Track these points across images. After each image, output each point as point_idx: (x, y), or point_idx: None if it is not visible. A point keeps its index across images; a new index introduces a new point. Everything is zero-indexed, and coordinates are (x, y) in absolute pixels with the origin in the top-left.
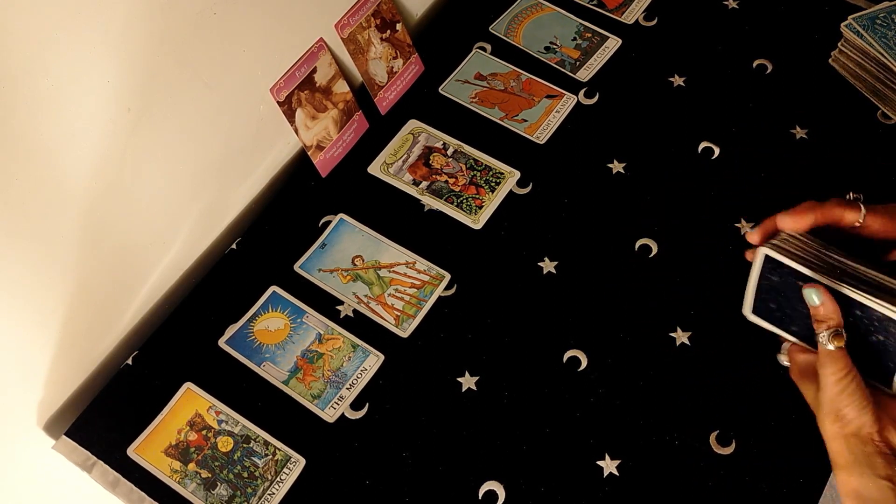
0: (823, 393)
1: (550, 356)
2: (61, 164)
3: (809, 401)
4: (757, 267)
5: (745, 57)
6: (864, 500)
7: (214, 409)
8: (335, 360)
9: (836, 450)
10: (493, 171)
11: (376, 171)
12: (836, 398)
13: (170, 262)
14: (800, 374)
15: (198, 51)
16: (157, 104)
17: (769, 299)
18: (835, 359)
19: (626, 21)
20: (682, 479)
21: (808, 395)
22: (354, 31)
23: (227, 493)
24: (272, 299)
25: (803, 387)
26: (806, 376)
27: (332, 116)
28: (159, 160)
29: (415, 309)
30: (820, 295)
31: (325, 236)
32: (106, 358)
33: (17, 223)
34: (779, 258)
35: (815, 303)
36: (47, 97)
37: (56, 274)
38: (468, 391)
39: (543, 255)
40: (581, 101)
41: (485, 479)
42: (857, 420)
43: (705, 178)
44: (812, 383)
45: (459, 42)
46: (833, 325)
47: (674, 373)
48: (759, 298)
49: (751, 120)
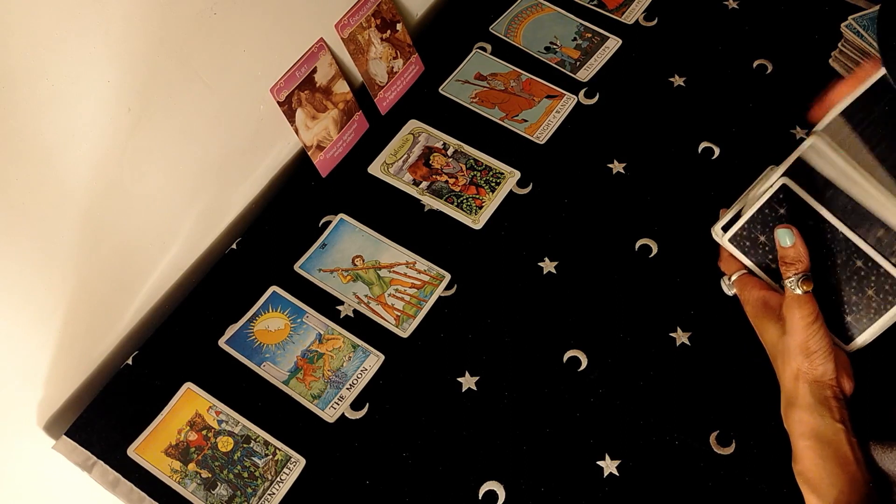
0: (791, 336)
1: (550, 356)
2: (61, 164)
3: (768, 340)
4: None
5: (745, 57)
6: (820, 439)
7: (214, 409)
8: (335, 360)
9: (800, 391)
10: (494, 171)
11: (376, 171)
12: (806, 342)
13: (170, 262)
14: (758, 312)
15: (198, 51)
16: (157, 104)
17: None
18: (804, 302)
19: (627, 21)
20: (682, 479)
21: (767, 334)
22: (354, 31)
23: (227, 493)
24: (272, 299)
25: (762, 325)
26: (765, 315)
27: (332, 116)
28: (159, 160)
29: (415, 309)
30: (792, 236)
31: (325, 236)
32: (106, 358)
33: (17, 223)
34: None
35: (787, 244)
36: (47, 97)
37: (56, 274)
38: (468, 391)
39: (543, 255)
40: (581, 101)
41: (485, 479)
42: (823, 365)
43: (705, 178)
44: (772, 322)
45: (459, 42)
46: (802, 269)
47: (674, 373)
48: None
49: (751, 120)
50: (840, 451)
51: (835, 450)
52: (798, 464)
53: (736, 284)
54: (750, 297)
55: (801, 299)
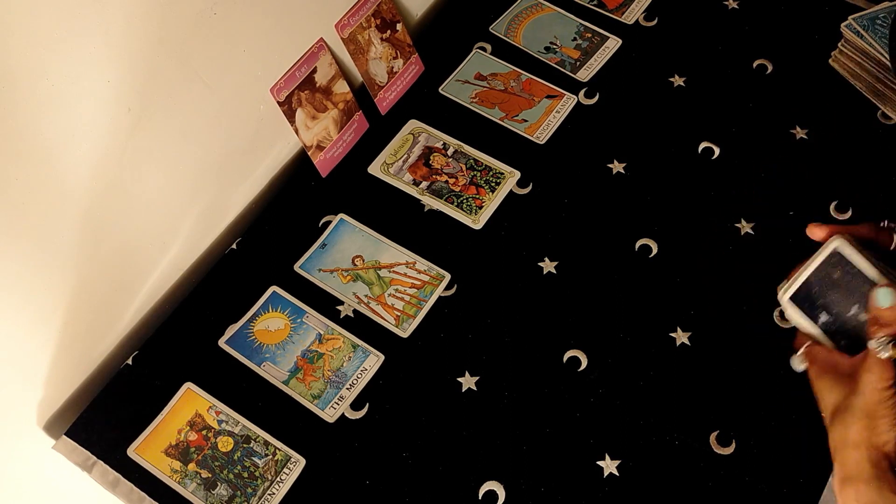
0: (861, 398)
1: (550, 356)
2: (61, 164)
3: (830, 402)
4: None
5: (745, 57)
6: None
7: (214, 409)
8: (335, 360)
9: (856, 459)
10: (494, 171)
11: (376, 171)
12: (876, 407)
13: (170, 262)
14: (823, 372)
15: (198, 51)
16: (157, 104)
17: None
18: (885, 367)
19: (627, 21)
20: (682, 479)
21: (830, 395)
22: (354, 31)
23: (227, 493)
24: (272, 299)
25: (823, 385)
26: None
27: (332, 116)
28: (159, 160)
29: (415, 309)
30: (892, 297)
31: (325, 236)
32: (106, 358)
33: (17, 223)
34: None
35: (885, 304)
36: (47, 97)
37: (56, 274)
38: (468, 391)
39: (543, 255)
40: (581, 101)
41: (485, 479)
42: (887, 434)
43: (705, 178)
44: (836, 385)
45: (459, 42)
46: (894, 332)
47: (674, 373)
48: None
49: (751, 120)
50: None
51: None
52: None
53: (805, 353)
54: (817, 358)
55: (884, 363)
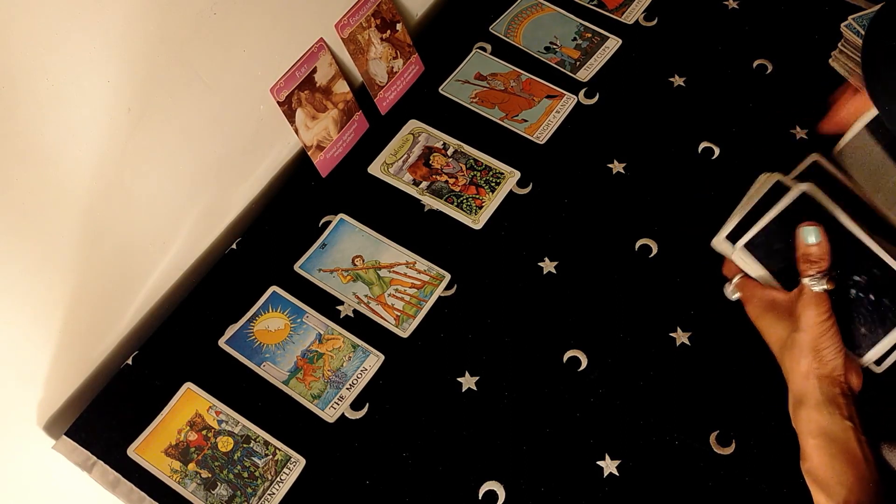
0: (805, 333)
1: (550, 356)
2: (61, 164)
3: (775, 338)
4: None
5: (745, 57)
6: (829, 437)
7: (214, 409)
8: (335, 360)
9: (809, 388)
10: (493, 171)
11: (376, 171)
12: (818, 339)
13: (170, 262)
14: (763, 311)
15: (198, 51)
16: (157, 104)
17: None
18: (821, 300)
19: (626, 21)
20: (682, 479)
21: (773, 332)
22: (354, 31)
23: (227, 493)
24: (272, 299)
25: (767, 323)
26: (771, 313)
27: (332, 116)
28: (159, 160)
29: (415, 309)
30: (818, 234)
31: (325, 236)
32: (106, 358)
33: (17, 223)
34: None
35: (812, 241)
36: (47, 97)
37: (56, 274)
38: (468, 391)
39: (543, 255)
40: (581, 101)
41: (485, 479)
42: (833, 362)
43: (705, 178)
44: (779, 321)
45: (459, 42)
46: (825, 267)
47: (674, 373)
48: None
49: (751, 120)
50: (849, 449)
51: (843, 448)
52: (806, 462)
53: (738, 286)
54: (754, 296)
55: (819, 297)
